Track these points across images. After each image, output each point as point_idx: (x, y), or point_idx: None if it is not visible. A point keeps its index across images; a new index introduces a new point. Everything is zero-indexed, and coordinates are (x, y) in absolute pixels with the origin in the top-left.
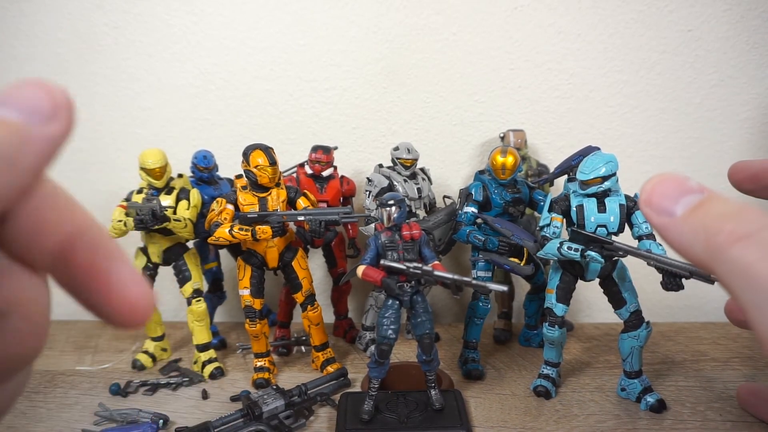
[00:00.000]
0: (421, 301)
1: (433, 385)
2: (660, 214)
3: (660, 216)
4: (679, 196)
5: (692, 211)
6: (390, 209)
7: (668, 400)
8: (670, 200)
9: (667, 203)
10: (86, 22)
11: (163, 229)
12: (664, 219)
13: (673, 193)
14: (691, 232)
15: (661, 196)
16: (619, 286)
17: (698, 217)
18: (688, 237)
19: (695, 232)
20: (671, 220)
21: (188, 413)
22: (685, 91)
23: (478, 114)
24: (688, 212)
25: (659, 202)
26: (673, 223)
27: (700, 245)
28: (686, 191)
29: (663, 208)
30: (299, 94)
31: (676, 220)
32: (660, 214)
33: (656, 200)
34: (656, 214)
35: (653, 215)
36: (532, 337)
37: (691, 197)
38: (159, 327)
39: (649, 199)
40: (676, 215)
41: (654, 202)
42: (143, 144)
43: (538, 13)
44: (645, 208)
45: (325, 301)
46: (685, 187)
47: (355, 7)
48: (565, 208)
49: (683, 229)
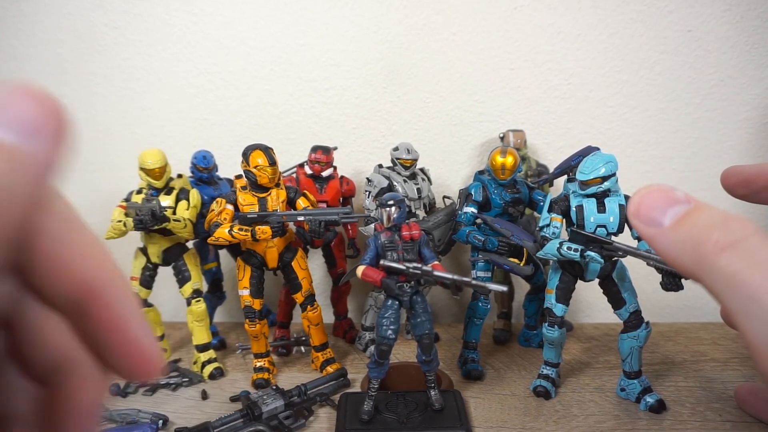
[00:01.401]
0: (421, 301)
1: (432, 386)
2: (648, 225)
3: (648, 227)
4: (666, 207)
5: (679, 221)
6: (390, 209)
7: (668, 400)
8: (657, 211)
9: (654, 214)
10: (86, 22)
11: (163, 230)
12: (653, 230)
13: (660, 204)
14: (678, 242)
15: (648, 207)
16: (618, 287)
17: (685, 227)
18: (675, 247)
19: (682, 242)
20: (659, 230)
21: (188, 413)
22: (685, 91)
23: (477, 114)
24: (675, 223)
25: (647, 213)
26: (661, 233)
27: (687, 255)
28: (673, 202)
29: (651, 219)
30: (299, 94)
31: (664, 231)
32: (648, 225)
33: (644, 211)
34: (644, 225)
35: (642, 226)
36: (532, 338)
37: (678, 208)
38: (158, 327)
39: (637, 211)
40: (663, 226)
41: (642, 214)
42: (143, 144)
43: (538, 13)
44: (633, 219)
45: (324, 302)
46: (672, 198)
47: (355, 7)
48: (564, 208)
49: (671, 240)
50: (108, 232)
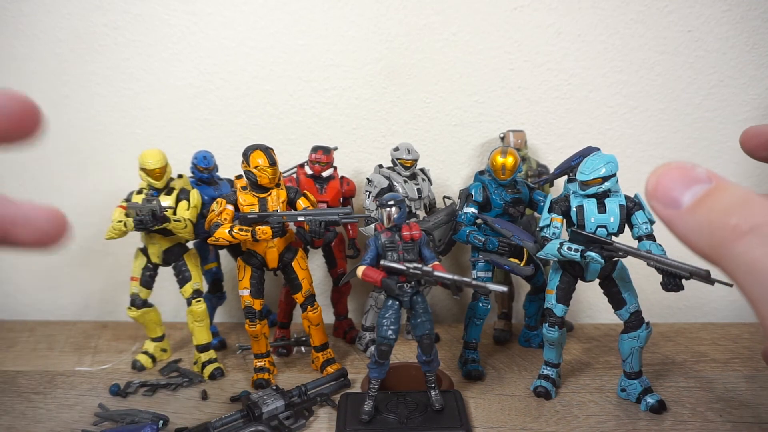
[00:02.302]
0: (421, 301)
1: (433, 386)
2: (666, 206)
3: (666, 208)
4: (684, 187)
5: (697, 203)
6: (390, 210)
7: (668, 400)
8: (676, 191)
9: (673, 194)
10: (86, 22)
11: (163, 230)
12: (671, 212)
13: (679, 184)
14: (696, 226)
15: (666, 187)
16: (619, 287)
17: (703, 209)
18: (694, 231)
19: (700, 226)
20: (677, 212)
21: (188, 414)
22: (684, 91)
23: (477, 114)
24: (694, 204)
25: (665, 193)
26: (679, 215)
27: (705, 240)
28: (693, 181)
29: (669, 199)
30: (299, 94)
31: (682, 213)
32: (666, 206)
33: (662, 192)
34: (663, 206)
35: (660, 207)
36: (532, 338)
37: (698, 188)
38: (159, 328)
39: (655, 191)
40: (682, 207)
41: (660, 194)
42: (143, 144)
43: (538, 13)
44: (651, 200)
45: (325, 302)
46: (691, 177)
47: (355, 7)
48: (565, 208)
49: (689, 223)
50: (108, 232)
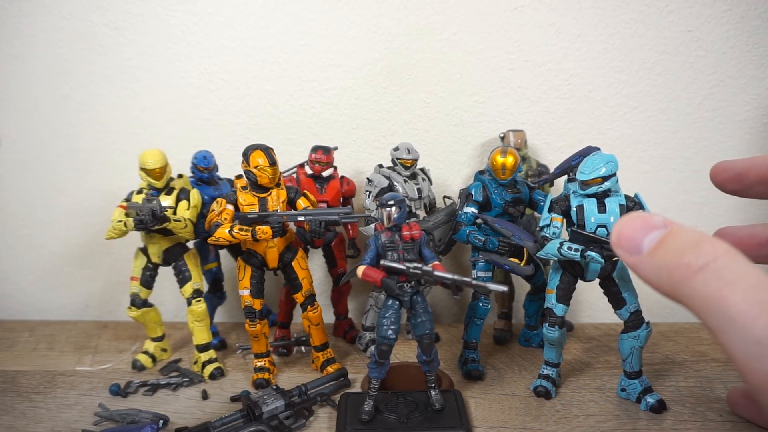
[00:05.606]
0: (421, 301)
1: (433, 386)
2: (630, 253)
3: (630, 255)
4: (643, 234)
5: (655, 248)
6: (390, 209)
7: (668, 400)
8: (636, 240)
9: (634, 243)
10: (86, 22)
11: (163, 230)
12: (634, 258)
13: (639, 232)
14: (656, 268)
15: (628, 236)
16: (619, 287)
17: (660, 252)
18: (654, 273)
19: (659, 268)
20: (639, 258)
21: (188, 413)
22: (685, 91)
23: (477, 114)
24: (652, 249)
25: (627, 241)
26: (641, 260)
27: (665, 280)
28: (650, 228)
29: (631, 246)
30: (299, 94)
31: (643, 258)
32: (630, 253)
33: (624, 240)
34: (627, 253)
35: (624, 255)
36: (532, 338)
37: (655, 233)
38: (159, 327)
39: (618, 240)
40: (642, 253)
41: (623, 242)
42: (143, 144)
43: (538, 13)
44: (616, 249)
45: (325, 302)
46: (649, 224)
47: (355, 7)
48: (565, 208)
49: (649, 266)
50: (108, 232)
